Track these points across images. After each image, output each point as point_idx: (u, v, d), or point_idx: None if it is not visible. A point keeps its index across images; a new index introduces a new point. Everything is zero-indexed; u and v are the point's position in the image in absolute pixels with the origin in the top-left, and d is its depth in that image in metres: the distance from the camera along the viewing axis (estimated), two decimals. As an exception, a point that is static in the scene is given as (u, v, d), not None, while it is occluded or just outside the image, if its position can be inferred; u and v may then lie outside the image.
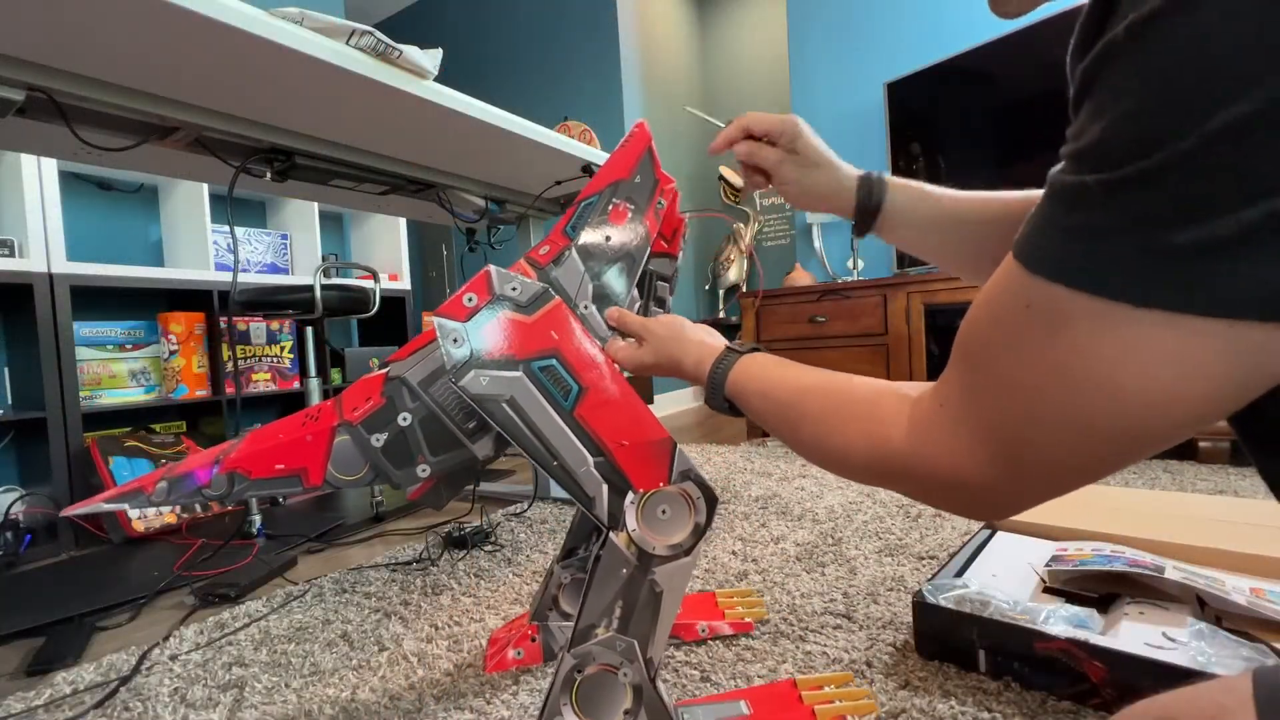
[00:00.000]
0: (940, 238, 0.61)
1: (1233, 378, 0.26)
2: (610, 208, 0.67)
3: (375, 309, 1.77)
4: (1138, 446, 0.29)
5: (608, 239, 0.67)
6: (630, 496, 0.58)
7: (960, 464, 0.35)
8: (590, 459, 0.58)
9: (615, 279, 0.67)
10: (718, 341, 0.60)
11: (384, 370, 0.62)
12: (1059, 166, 0.28)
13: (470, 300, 0.59)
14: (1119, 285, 0.26)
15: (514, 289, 0.60)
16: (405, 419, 0.61)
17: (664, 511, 0.59)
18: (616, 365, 0.62)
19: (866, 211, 0.61)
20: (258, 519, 1.50)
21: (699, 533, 0.59)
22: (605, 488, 0.58)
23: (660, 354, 0.61)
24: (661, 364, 0.61)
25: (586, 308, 0.65)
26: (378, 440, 0.60)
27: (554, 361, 0.59)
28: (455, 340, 0.58)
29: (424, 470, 0.62)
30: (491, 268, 0.60)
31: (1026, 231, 0.30)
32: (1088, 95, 0.26)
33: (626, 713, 0.59)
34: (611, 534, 0.58)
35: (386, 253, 2.83)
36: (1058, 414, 0.30)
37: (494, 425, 0.58)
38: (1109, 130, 0.25)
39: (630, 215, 0.68)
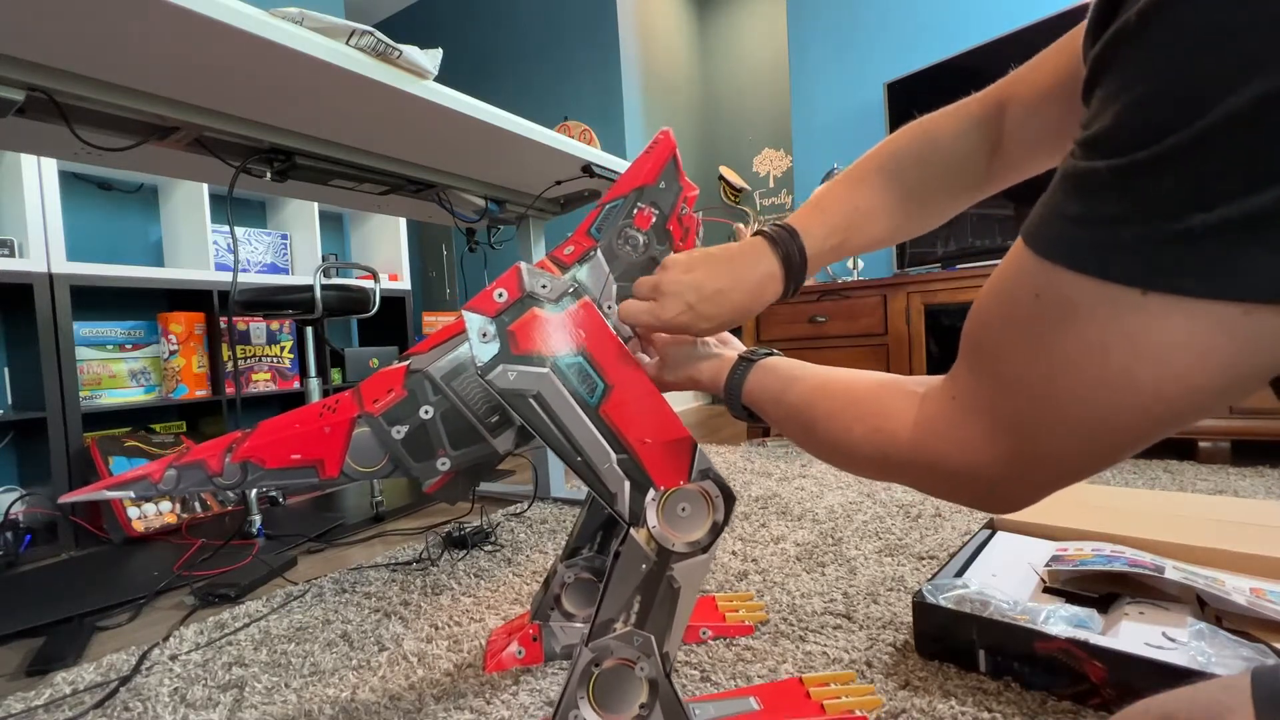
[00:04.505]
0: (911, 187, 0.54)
1: (1247, 362, 0.26)
2: (635, 212, 0.68)
3: (375, 309, 1.77)
4: (1152, 432, 0.29)
5: (632, 242, 0.67)
6: (651, 493, 0.58)
7: (973, 457, 0.35)
8: (613, 455, 0.58)
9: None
10: (732, 351, 0.61)
11: (405, 363, 0.62)
12: (1071, 153, 0.28)
13: (500, 295, 0.59)
14: (1131, 270, 0.26)
15: (543, 286, 0.60)
16: (427, 412, 0.61)
17: (684, 509, 0.59)
18: None
19: (796, 269, 0.55)
20: (258, 519, 1.49)
21: (717, 530, 0.59)
22: (627, 484, 0.58)
23: (677, 374, 0.63)
24: (680, 382, 0.63)
25: (610, 308, 0.66)
26: (398, 432, 0.60)
27: (581, 359, 0.59)
28: (484, 335, 0.58)
29: (444, 463, 0.62)
30: (522, 265, 0.60)
31: (1036, 217, 0.30)
32: (1099, 82, 0.26)
33: (642, 706, 0.59)
34: (632, 530, 0.58)
35: (386, 253, 2.83)
36: (1071, 405, 0.30)
37: (518, 420, 0.59)
38: (1121, 116, 0.25)
39: (655, 220, 0.68)
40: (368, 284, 1.76)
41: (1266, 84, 0.21)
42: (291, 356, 2.37)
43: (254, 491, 1.50)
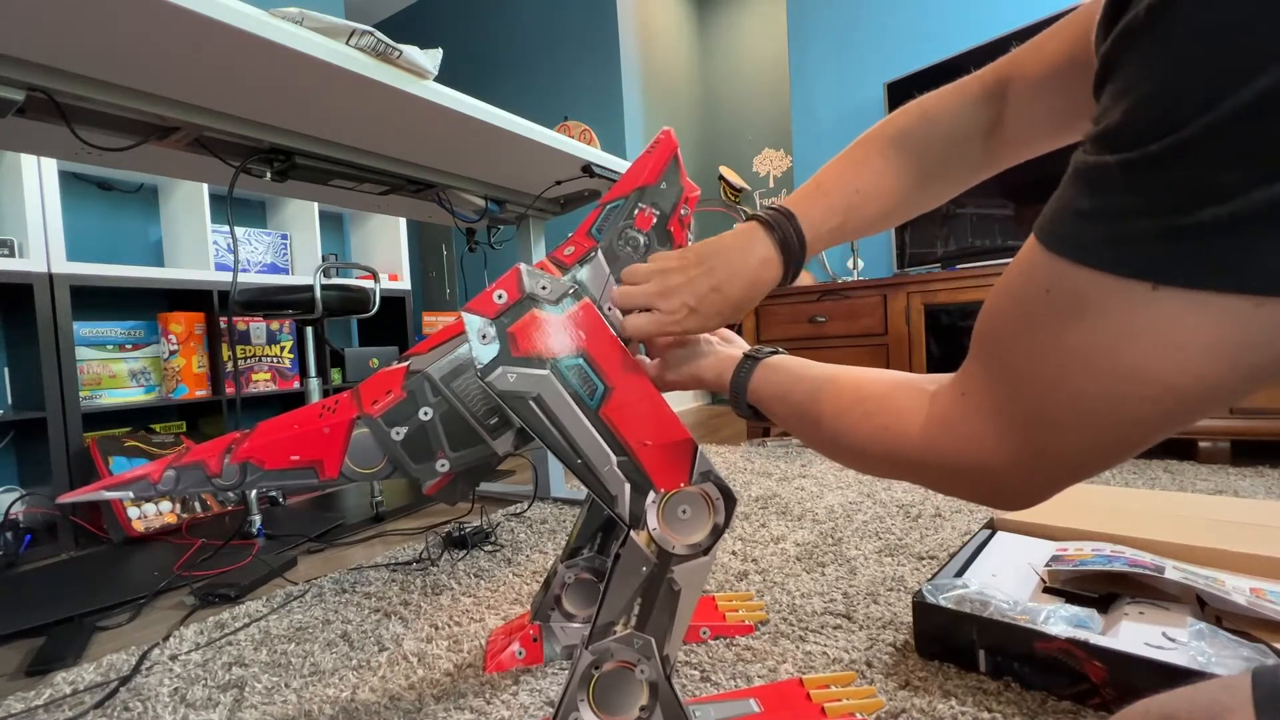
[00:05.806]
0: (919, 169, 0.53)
1: (1258, 355, 0.25)
2: (636, 212, 0.67)
3: (375, 309, 1.77)
4: (1163, 426, 0.29)
5: (633, 243, 0.67)
6: (652, 496, 0.58)
7: (984, 454, 0.35)
8: (614, 458, 0.58)
9: None
10: (736, 350, 0.61)
11: (405, 364, 0.62)
12: (1081, 148, 0.28)
13: (500, 297, 0.59)
14: (1141, 264, 0.26)
15: (544, 287, 0.60)
16: (426, 413, 0.61)
17: (684, 511, 0.59)
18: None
19: (794, 252, 0.54)
20: (258, 519, 1.49)
21: (717, 533, 0.59)
22: (628, 486, 0.58)
23: (680, 373, 0.63)
24: (684, 381, 0.63)
25: (610, 309, 0.66)
26: (398, 434, 0.60)
27: (581, 361, 0.59)
28: (484, 336, 0.58)
29: (443, 465, 0.62)
30: (522, 266, 0.60)
31: (1048, 213, 0.30)
32: (1109, 78, 0.26)
33: (642, 709, 0.59)
34: (633, 533, 0.58)
35: (386, 253, 2.83)
36: (1081, 400, 0.30)
37: (518, 422, 0.59)
38: (1131, 111, 0.25)
39: (655, 221, 0.68)
40: (368, 284, 1.76)
41: (1274, 77, 0.21)
42: (291, 356, 2.37)
43: (254, 492, 1.50)
